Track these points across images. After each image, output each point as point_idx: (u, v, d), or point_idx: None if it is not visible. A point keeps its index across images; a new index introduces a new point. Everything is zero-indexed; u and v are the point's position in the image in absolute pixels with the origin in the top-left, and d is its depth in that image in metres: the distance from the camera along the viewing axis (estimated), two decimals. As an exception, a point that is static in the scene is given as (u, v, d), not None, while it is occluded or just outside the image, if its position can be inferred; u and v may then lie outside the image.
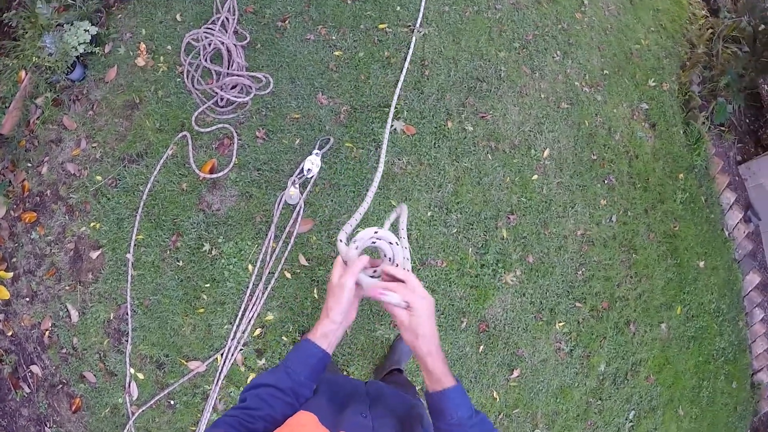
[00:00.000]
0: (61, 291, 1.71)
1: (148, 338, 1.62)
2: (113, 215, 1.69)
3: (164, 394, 1.59)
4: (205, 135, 1.68)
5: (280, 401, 0.52)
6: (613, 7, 2.27)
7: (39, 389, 1.72)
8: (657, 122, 2.10)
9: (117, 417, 1.64)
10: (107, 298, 1.67)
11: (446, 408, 0.53)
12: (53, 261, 1.73)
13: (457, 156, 1.70)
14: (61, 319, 1.70)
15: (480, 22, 1.95)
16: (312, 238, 1.59)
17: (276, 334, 1.56)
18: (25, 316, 1.75)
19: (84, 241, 1.72)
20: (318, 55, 1.76)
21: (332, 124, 1.67)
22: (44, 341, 1.72)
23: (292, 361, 0.56)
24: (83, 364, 1.67)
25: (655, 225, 1.91)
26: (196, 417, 1.58)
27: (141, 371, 1.62)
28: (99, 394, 1.65)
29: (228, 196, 1.63)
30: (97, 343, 1.66)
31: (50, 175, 1.79)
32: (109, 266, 1.67)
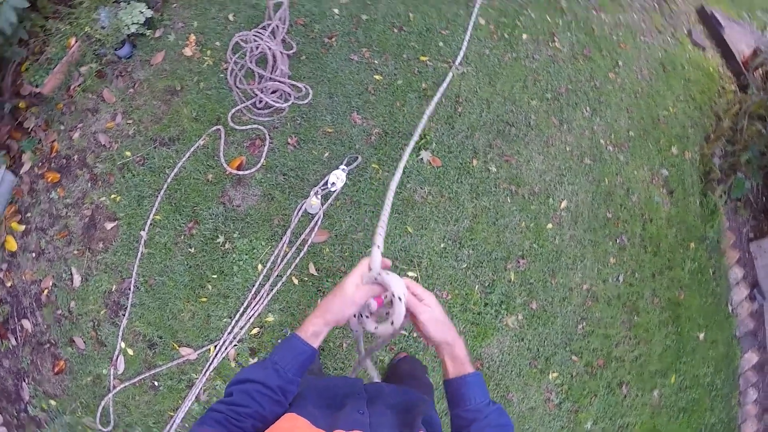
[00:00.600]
0: (68, 254, 1.73)
1: (146, 317, 1.63)
2: (135, 191, 1.73)
3: (150, 374, 1.59)
4: (239, 132, 1.73)
5: (267, 399, 0.52)
6: (646, 71, 2.35)
7: (25, 344, 1.72)
8: (675, 189, 2.14)
9: (98, 387, 1.64)
10: (113, 269, 1.69)
11: (466, 393, 0.54)
12: (67, 224, 1.76)
13: (478, 194, 1.74)
14: (62, 281, 1.72)
15: (517, 69, 2.03)
16: (325, 249, 1.61)
17: (273, 336, 1.57)
18: (28, 271, 1.76)
19: (101, 210, 1.76)
20: (359, 76, 1.83)
21: (362, 143, 1.73)
22: (41, 299, 1.74)
23: (281, 357, 0.55)
24: (75, 328, 1.68)
25: (660, 290, 1.93)
26: (177, 403, 1.57)
27: (131, 347, 1.63)
28: (85, 361, 1.65)
29: (251, 194, 1.67)
30: (93, 311, 1.67)
31: (81, 142, 1.84)
32: (121, 239, 1.70)
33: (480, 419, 0.54)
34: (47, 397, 1.68)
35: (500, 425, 0.55)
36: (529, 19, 2.21)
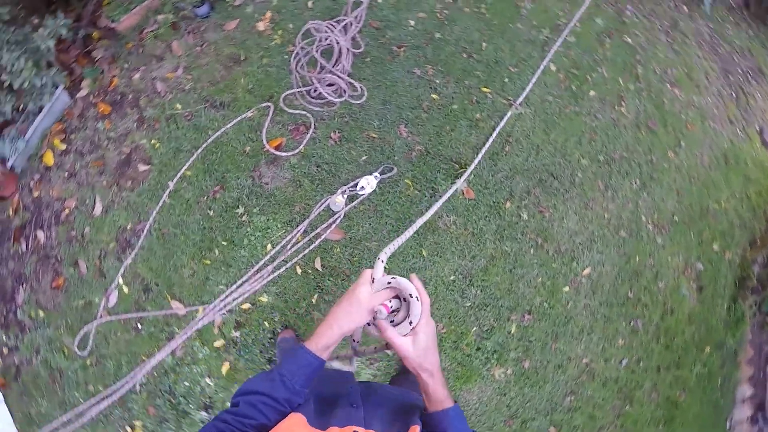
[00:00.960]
0: (98, 183, 1.80)
1: (150, 261, 1.67)
2: (174, 143, 1.78)
3: (137, 316, 1.62)
4: (287, 114, 1.76)
5: (273, 410, 0.52)
6: (707, 159, 2.23)
7: (34, 253, 1.80)
8: (705, 287, 2.01)
9: (86, 313, 1.68)
10: (134, 209, 1.74)
11: (448, 427, 0.53)
12: (104, 155, 1.83)
13: (502, 237, 1.69)
14: (85, 206, 1.79)
15: (576, 123, 1.97)
16: (336, 248, 1.60)
17: (261, 317, 1.57)
18: (57, 188, 1.84)
19: (139, 152, 1.82)
20: (416, 91, 1.82)
21: (402, 156, 1.71)
22: (61, 216, 1.81)
23: (289, 369, 0.55)
24: (83, 253, 1.74)
25: (661, 386, 1.81)
26: (153, 350, 1.59)
27: (128, 286, 1.67)
28: (82, 285, 1.71)
29: (281, 176, 1.69)
30: (104, 242, 1.73)
31: (139, 84, 1.92)
32: (149, 183, 1.75)
33: None
34: (38, 307, 1.75)
35: None
36: (601, 77, 2.15)
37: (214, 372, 1.57)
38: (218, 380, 1.57)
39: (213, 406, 1.57)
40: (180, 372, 1.60)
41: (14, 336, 1.76)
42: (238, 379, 1.56)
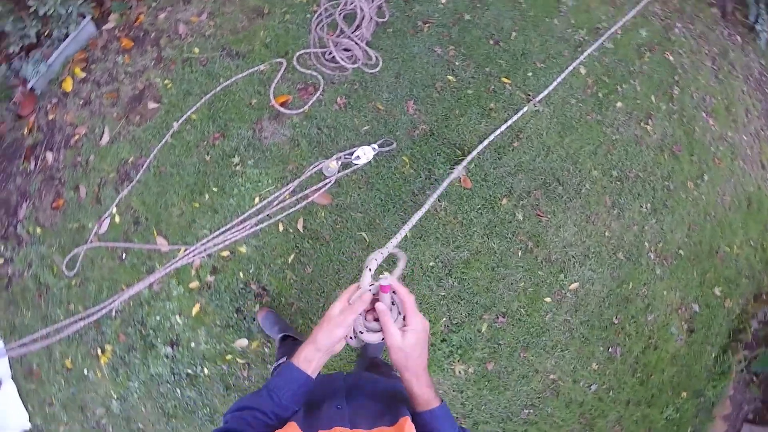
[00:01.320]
0: (109, 113, 1.85)
1: (144, 196, 1.70)
2: (186, 86, 1.80)
3: (123, 246, 1.67)
4: (298, 73, 1.74)
5: (262, 423, 0.53)
6: (728, 199, 2.08)
7: (40, 173, 1.87)
8: (697, 330, 1.90)
9: (78, 235, 1.75)
10: (137, 144, 1.78)
11: (436, 428, 0.54)
12: (120, 88, 1.87)
13: (491, 233, 1.63)
14: (93, 134, 1.84)
15: (595, 132, 1.87)
16: (321, 213, 1.59)
17: (236, 267, 1.59)
18: (71, 113, 1.90)
19: (152, 89, 1.85)
20: (433, 69, 1.76)
21: (404, 133, 1.67)
22: (70, 141, 1.87)
23: (276, 384, 0.56)
24: (85, 178, 1.80)
25: (627, 422, 1.73)
26: (132, 282, 1.65)
27: (120, 216, 1.72)
28: (79, 209, 1.77)
29: (281, 132, 1.68)
30: (105, 171, 1.78)
31: (163, 24, 1.94)
32: (156, 121, 1.78)
33: None
34: (36, 224, 1.83)
35: None
36: (633, 90, 2.02)
37: (184, 311, 1.61)
38: (187, 320, 1.61)
39: (179, 343, 1.61)
40: (154, 306, 1.64)
41: (11, 248, 1.86)
42: (206, 323, 1.59)
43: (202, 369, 1.58)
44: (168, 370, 1.61)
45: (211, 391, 1.59)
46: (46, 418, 1.76)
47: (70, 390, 1.71)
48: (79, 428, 1.72)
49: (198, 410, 1.60)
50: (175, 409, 1.61)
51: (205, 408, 1.59)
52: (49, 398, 1.75)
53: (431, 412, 0.55)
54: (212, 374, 1.58)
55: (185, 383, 1.59)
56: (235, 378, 1.57)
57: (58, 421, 1.74)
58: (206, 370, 1.58)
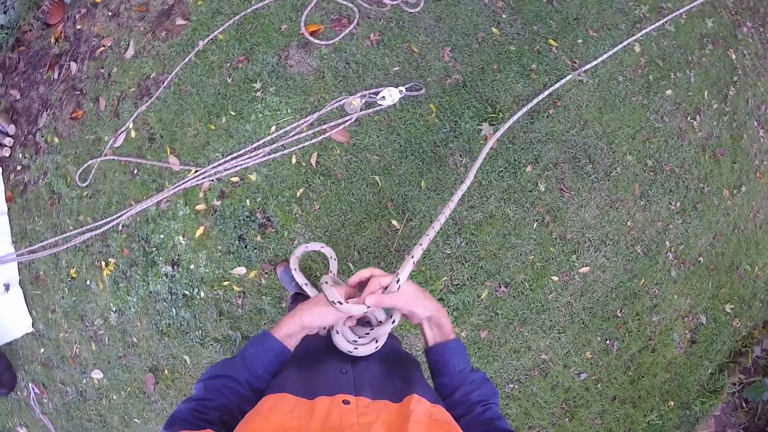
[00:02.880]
0: (136, 27, 1.79)
1: (161, 113, 1.68)
2: (216, 4, 1.72)
3: (136, 161, 1.67)
4: (333, 3, 1.64)
5: (233, 392, 0.51)
6: (762, 217, 1.95)
7: (63, 82, 1.86)
8: (698, 342, 1.83)
9: (94, 148, 1.75)
10: (161, 60, 1.73)
11: (450, 360, 0.54)
12: (149, 2, 1.80)
13: (509, 199, 1.56)
14: (119, 46, 1.80)
15: (638, 115, 1.74)
16: (336, 150, 1.54)
17: (244, 194, 1.56)
18: (99, 25, 1.86)
19: (181, 5, 1.78)
20: (478, 18, 1.64)
21: (435, 80, 1.57)
22: (95, 53, 1.84)
23: (251, 353, 0.54)
24: (106, 90, 1.77)
25: (608, 416, 1.70)
26: (141, 198, 1.65)
27: (136, 131, 1.70)
28: (97, 121, 1.76)
29: (307, 63, 1.60)
30: (126, 85, 1.75)
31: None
32: (182, 38, 1.72)
33: (465, 384, 0.53)
34: (55, 134, 1.83)
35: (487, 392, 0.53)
36: (686, 80, 1.86)
37: (188, 232, 1.61)
38: (190, 241, 1.61)
39: (179, 264, 1.62)
40: (159, 224, 1.64)
41: (29, 156, 1.87)
42: (208, 246, 1.59)
43: (199, 292, 1.60)
44: (166, 289, 1.63)
45: (204, 315, 1.61)
46: (48, 323, 1.83)
47: (72, 298, 1.76)
48: (77, 336, 1.78)
49: (190, 332, 1.62)
50: (169, 327, 1.65)
51: (198, 330, 1.62)
52: (53, 305, 1.81)
53: (445, 344, 0.54)
54: (208, 298, 1.59)
55: (181, 304, 1.62)
56: (229, 305, 1.59)
57: (58, 327, 1.81)
58: (202, 293, 1.59)
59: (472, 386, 0.53)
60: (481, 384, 0.54)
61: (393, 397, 0.49)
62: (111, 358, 1.73)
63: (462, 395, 0.52)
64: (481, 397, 0.52)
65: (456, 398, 0.53)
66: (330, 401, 0.46)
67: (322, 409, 0.45)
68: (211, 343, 1.61)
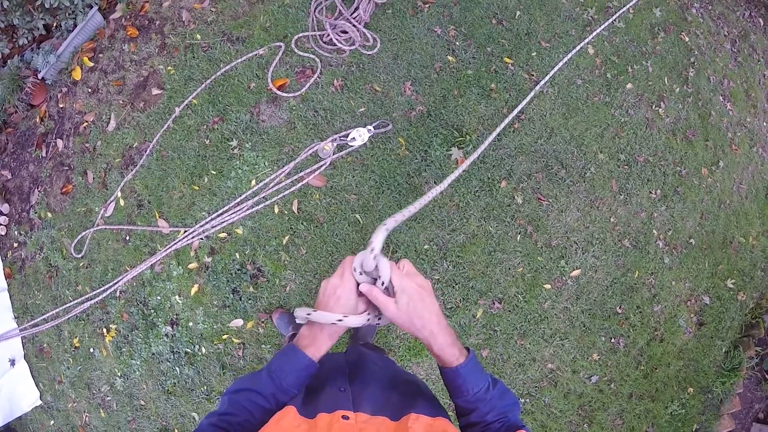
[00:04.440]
0: (115, 101, 1.90)
1: (147, 180, 1.75)
2: (188, 71, 1.82)
3: (127, 228, 1.72)
4: (295, 56, 1.74)
5: (258, 407, 0.50)
6: (745, 187, 1.96)
7: (51, 159, 1.95)
8: (707, 324, 1.81)
9: (86, 219, 1.82)
10: (141, 129, 1.82)
11: (461, 385, 0.51)
12: (125, 76, 1.92)
13: (489, 216, 1.59)
14: (101, 121, 1.90)
15: (602, 114, 1.79)
16: (315, 195, 1.59)
17: (233, 248, 1.61)
18: (80, 101, 1.96)
19: (155, 76, 1.88)
20: (433, 50, 1.72)
21: (401, 114, 1.64)
22: (79, 128, 1.94)
23: (277, 366, 0.53)
24: (92, 163, 1.86)
25: (629, 415, 1.67)
26: (135, 263, 1.69)
27: (125, 199, 1.77)
28: (86, 193, 1.83)
29: (278, 116, 1.68)
30: (111, 156, 1.83)
31: (167, 11, 1.97)
32: (159, 107, 1.82)
33: (480, 406, 0.51)
34: (48, 209, 1.90)
35: (503, 408, 0.52)
36: (644, 71, 1.92)
37: (184, 291, 1.65)
38: (186, 300, 1.64)
39: (178, 323, 1.65)
40: (155, 286, 1.69)
41: (24, 232, 1.95)
42: (204, 303, 1.62)
43: (200, 348, 1.62)
44: (168, 349, 1.65)
45: (207, 370, 1.62)
46: (56, 395, 1.85)
47: (78, 368, 1.79)
48: (85, 405, 1.80)
49: (196, 388, 1.64)
50: (174, 386, 1.66)
51: (203, 386, 1.63)
52: (59, 376, 1.84)
53: (454, 370, 0.51)
54: (209, 353, 1.61)
55: (184, 362, 1.64)
56: (230, 357, 1.60)
57: (66, 397, 1.82)
58: (204, 349, 1.61)
59: (488, 407, 0.51)
60: (498, 401, 0.51)
61: (392, 414, 0.50)
62: (120, 424, 1.74)
63: (478, 417, 0.51)
64: (497, 416, 0.51)
65: (471, 420, 0.52)
66: (330, 418, 0.47)
67: (323, 425, 0.46)
68: (218, 397, 1.61)
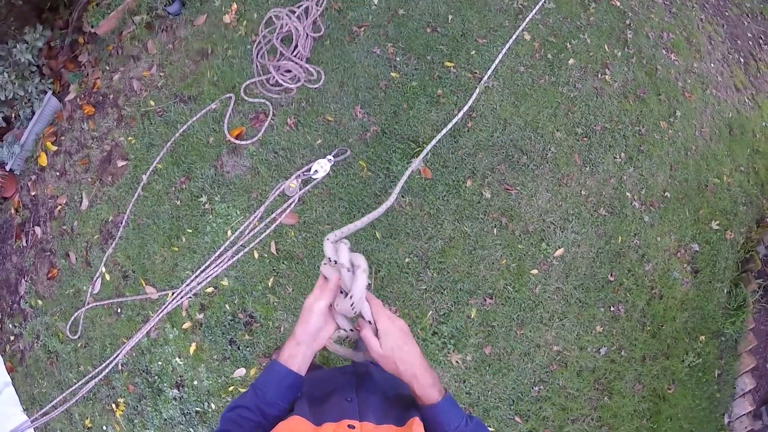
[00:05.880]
0: (84, 180, 1.93)
1: (127, 250, 1.77)
2: (148, 138, 1.87)
3: (117, 301, 1.74)
4: (247, 104, 1.79)
5: (246, 420, 0.53)
6: (707, 130, 2.01)
7: (32, 247, 1.97)
8: (702, 270, 1.82)
9: (76, 299, 1.83)
10: (113, 202, 1.85)
11: (441, 420, 0.53)
12: (89, 153, 1.96)
13: (461, 217, 1.62)
14: (74, 202, 1.93)
15: (550, 94, 1.84)
16: (291, 233, 1.62)
17: (222, 300, 1.62)
18: (50, 186, 2.00)
19: (118, 149, 1.93)
20: (375, 70, 1.78)
21: (357, 138, 1.69)
22: (54, 213, 1.97)
23: (260, 380, 0.56)
24: (72, 245, 1.88)
25: (646, 378, 1.67)
26: (131, 333, 1.70)
27: (110, 273, 1.79)
28: (72, 275, 1.85)
29: (240, 164, 1.72)
30: (89, 234, 1.86)
31: (118, 84, 2.03)
32: (126, 178, 1.86)
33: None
34: (37, 297, 1.92)
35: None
36: (583, 44, 1.98)
37: (183, 352, 1.65)
38: (187, 360, 1.65)
39: (183, 384, 1.65)
40: (154, 352, 1.69)
41: (18, 324, 1.96)
42: (204, 359, 1.63)
43: (209, 404, 1.62)
44: (178, 412, 1.65)
45: (223, 426, 1.61)
46: None
47: None
48: None
49: (213, 446, 1.63)
50: (193, 448, 1.65)
51: (220, 442, 1.62)
52: None
53: (434, 407, 0.53)
54: (219, 408, 1.61)
55: (196, 421, 1.63)
56: (243, 408, 1.60)
57: None
58: (212, 404, 1.61)
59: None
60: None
61: (397, 421, 0.52)
62: (149, 500, 1.72)
63: None
64: None
65: None
66: (335, 427, 0.48)
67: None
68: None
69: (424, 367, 0.54)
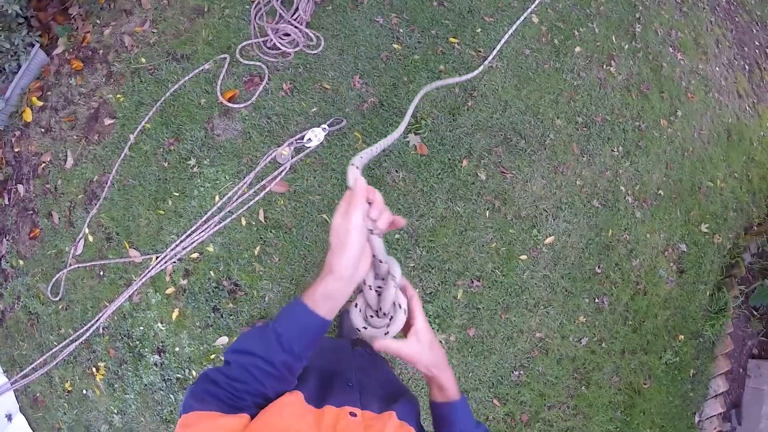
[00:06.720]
0: (69, 137, 1.86)
1: (112, 212, 1.72)
2: (137, 97, 1.79)
3: (99, 264, 1.70)
4: (242, 66, 1.72)
5: (268, 375, 0.45)
6: (706, 132, 2.00)
7: (15, 206, 1.91)
8: (687, 270, 1.84)
9: (58, 260, 1.78)
10: (99, 162, 1.79)
11: (455, 420, 0.53)
12: (76, 110, 1.88)
13: (455, 197, 1.60)
14: (58, 160, 1.86)
15: (554, 80, 1.80)
16: (280, 201, 1.58)
17: (207, 266, 1.59)
18: (34, 143, 1.92)
19: (106, 106, 1.85)
20: (377, 40, 1.72)
21: (353, 109, 1.64)
22: (38, 170, 1.90)
23: (285, 329, 0.46)
24: (56, 204, 1.82)
25: (624, 371, 1.69)
26: (113, 296, 1.67)
27: (93, 235, 1.74)
28: (54, 235, 1.80)
29: (232, 128, 1.67)
30: (73, 194, 1.80)
31: (109, 39, 1.93)
32: (113, 137, 1.79)
33: None
34: (18, 257, 1.86)
35: None
36: (591, 32, 1.94)
37: (165, 318, 1.63)
38: (169, 326, 1.62)
39: (165, 350, 1.63)
40: (136, 317, 1.66)
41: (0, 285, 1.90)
42: (187, 326, 1.61)
43: (190, 371, 1.60)
44: (159, 378, 1.63)
45: (202, 392, 1.61)
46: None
47: (74, 411, 1.76)
48: None
49: (193, 412, 1.62)
50: (171, 414, 1.64)
51: (200, 409, 1.61)
52: (57, 423, 1.81)
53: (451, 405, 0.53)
54: (200, 375, 1.60)
55: (177, 388, 1.62)
56: (223, 376, 1.59)
57: None
58: (194, 371, 1.60)
59: None
60: None
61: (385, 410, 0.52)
62: (126, 462, 1.72)
63: None
64: None
65: None
66: (338, 412, 0.47)
67: (330, 419, 0.46)
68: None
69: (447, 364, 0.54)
